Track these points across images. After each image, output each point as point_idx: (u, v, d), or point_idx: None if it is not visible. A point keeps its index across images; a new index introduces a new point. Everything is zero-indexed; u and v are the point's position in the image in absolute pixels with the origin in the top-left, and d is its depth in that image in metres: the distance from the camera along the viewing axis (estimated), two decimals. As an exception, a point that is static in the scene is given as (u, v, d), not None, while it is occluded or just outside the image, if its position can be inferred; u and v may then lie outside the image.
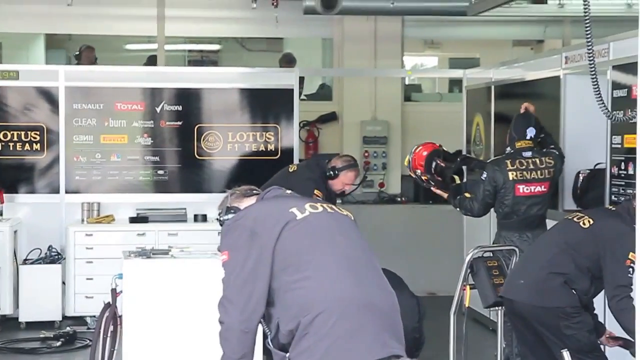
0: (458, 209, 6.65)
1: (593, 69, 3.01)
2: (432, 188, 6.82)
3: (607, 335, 5.17)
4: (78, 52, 10.90)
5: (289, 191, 3.90)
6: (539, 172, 6.42)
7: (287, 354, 3.49)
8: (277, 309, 3.55)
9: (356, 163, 7.06)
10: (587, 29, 2.90)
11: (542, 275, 5.03)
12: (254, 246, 3.54)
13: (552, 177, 6.45)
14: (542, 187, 6.40)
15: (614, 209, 5.18)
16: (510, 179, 6.42)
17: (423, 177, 6.74)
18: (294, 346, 3.46)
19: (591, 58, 3.02)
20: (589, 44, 2.97)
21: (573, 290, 4.96)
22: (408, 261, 8.91)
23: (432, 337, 7.40)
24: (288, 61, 11.10)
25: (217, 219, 3.96)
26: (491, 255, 5.81)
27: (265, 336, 3.66)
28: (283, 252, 3.53)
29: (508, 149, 6.64)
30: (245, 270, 3.53)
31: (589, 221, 5.02)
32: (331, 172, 6.88)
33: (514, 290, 5.13)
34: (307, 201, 3.75)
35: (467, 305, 5.79)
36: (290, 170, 7.12)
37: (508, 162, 6.46)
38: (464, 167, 7.16)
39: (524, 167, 6.42)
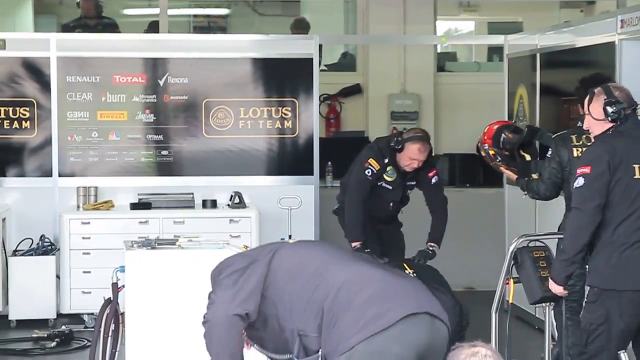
0: (526, 192, 6.64)
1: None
2: (501, 168, 6.83)
3: None
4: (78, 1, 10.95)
5: None
6: None
7: (320, 351, 3.70)
8: (295, 320, 3.79)
9: (424, 137, 7.10)
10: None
11: None
12: (247, 260, 3.95)
13: None
14: None
15: None
16: (575, 155, 6.39)
17: (490, 152, 6.75)
18: (325, 339, 3.67)
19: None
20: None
21: None
22: (443, 252, 8.83)
23: (470, 337, 7.43)
24: (301, 27, 11.09)
25: None
26: (539, 244, 5.80)
27: None
28: (282, 266, 3.85)
29: (579, 123, 6.60)
30: (236, 273, 3.89)
31: None
32: (395, 145, 7.00)
33: None
34: None
35: (510, 302, 5.80)
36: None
37: (573, 137, 6.43)
38: (537, 144, 7.14)
39: (590, 143, 6.39)
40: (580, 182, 5.24)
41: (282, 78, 8.95)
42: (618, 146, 5.24)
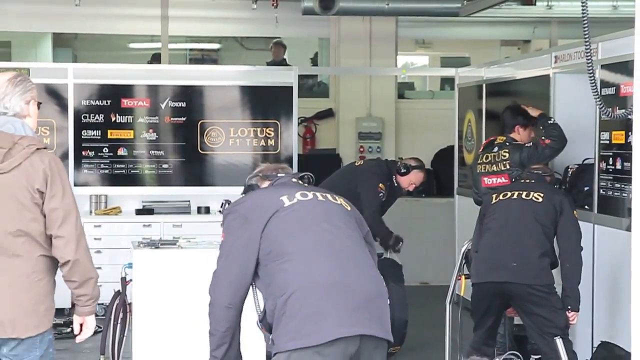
0: None
1: (591, 67, 3.01)
2: None
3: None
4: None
5: (295, 179, 3.89)
6: (496, 165, 6.52)
7: (271, 335, 3.57)
8: (264, 291, 3.64)
9: (425, 168, 7.38)
10: (585, 28, 2.91)
11: (534, 257, 5.25)
12: (244, 231, 3.64)
13: (508, 170, 6.45)
14: (503, 178, 6.45)
15: (533, 178, 5.59)
16: (477, 171, 6.57)
17: None
18: (275, 327, 3.54)
19: (589, 56, 3.02)
20: (587, 42, 2.98)
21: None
22: (402, 252, 8.90)
23: (425, 325, 7.43)
24: (280, 46, 11.12)
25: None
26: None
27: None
28: (268, 238, 3.60)
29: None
30: (233, 252, 3.64)
31: (539, 195, 5.38)
32: (403, 168, 7.16)
33: (507, 273, 5.25)
34: (301, 189, 3.77)
35: (462, 295, 5.81)
36: (357, 164, 7.52)
37: (481, 155, 6.62)
38: None
39: (488, 160, 6.54)
40: None
41: (266, 103, 8.93)
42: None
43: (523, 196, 5.39)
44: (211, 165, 8.83)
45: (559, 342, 4.68)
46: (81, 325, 3.94)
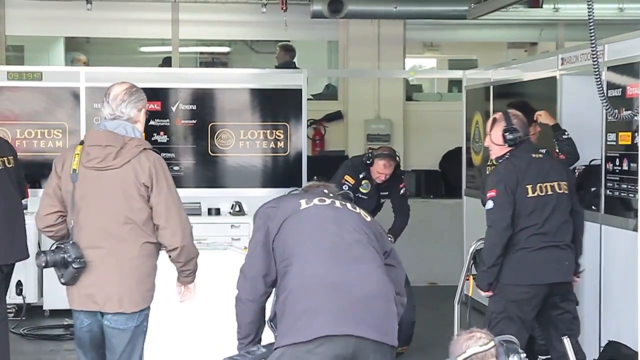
0: None
1: (597, 68, 3.00)
2: None
3: None
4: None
5: (326, 191, 3.91)
6: None
7: (275, 333, 3.66)
8: (275, 291, 3.74)
9: (390, 154, 7.13)
10: (591, 30, 2.90)
11: (573, 253, 5.33)
12: (264, 229, 3.74)
13: None
14: None
15: (541, 153, 5.46)
16: (487, 173, 6.58)
17: None
18: (277, 326, 3.61)
19: (595, 58, 3.01)
20: (593, 44, 2.97)
21: None
22: (410, 253, 8.88)
23: (434, 325, 7.43)
24: (288, 50, 11.10)
25: None
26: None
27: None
28: (280, 239, 3.69)
29: None
30: (253, 249, 3.75)
31: (565, 185, 5.34)
32: (366, 160, 7.11)
33: (563, 272, 5.28)
34: (322, 196, 3.82)
35: (470, 295, 5.79)
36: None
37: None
38: None
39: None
40: (490, 204, 5.25)
41: (275, 105, 8.94)
42: (513, 171, 5.27)
43: (557, 189, 5.30)
44: (222, 167, 8.84)
45: (566, 341, 4.66)
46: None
